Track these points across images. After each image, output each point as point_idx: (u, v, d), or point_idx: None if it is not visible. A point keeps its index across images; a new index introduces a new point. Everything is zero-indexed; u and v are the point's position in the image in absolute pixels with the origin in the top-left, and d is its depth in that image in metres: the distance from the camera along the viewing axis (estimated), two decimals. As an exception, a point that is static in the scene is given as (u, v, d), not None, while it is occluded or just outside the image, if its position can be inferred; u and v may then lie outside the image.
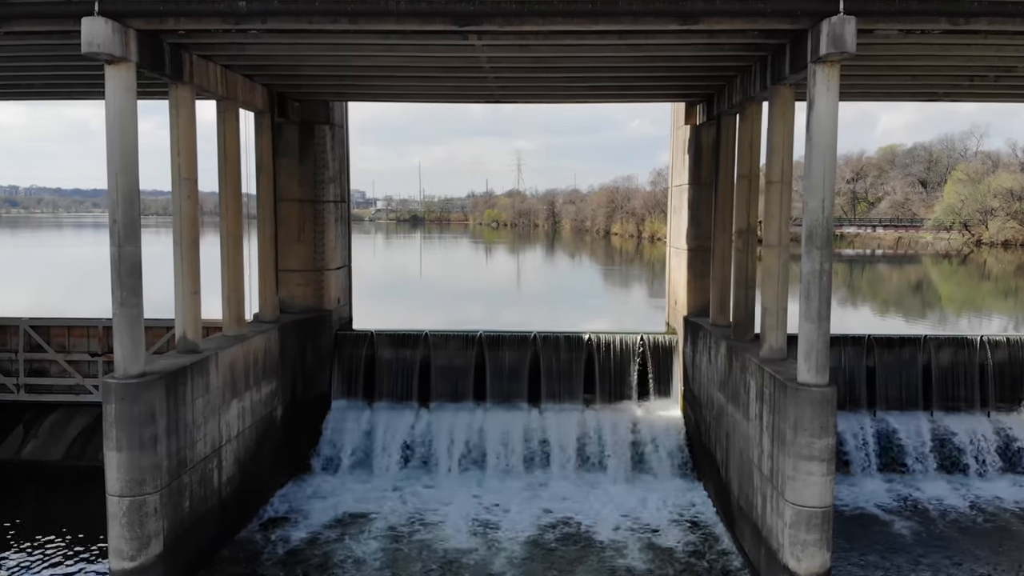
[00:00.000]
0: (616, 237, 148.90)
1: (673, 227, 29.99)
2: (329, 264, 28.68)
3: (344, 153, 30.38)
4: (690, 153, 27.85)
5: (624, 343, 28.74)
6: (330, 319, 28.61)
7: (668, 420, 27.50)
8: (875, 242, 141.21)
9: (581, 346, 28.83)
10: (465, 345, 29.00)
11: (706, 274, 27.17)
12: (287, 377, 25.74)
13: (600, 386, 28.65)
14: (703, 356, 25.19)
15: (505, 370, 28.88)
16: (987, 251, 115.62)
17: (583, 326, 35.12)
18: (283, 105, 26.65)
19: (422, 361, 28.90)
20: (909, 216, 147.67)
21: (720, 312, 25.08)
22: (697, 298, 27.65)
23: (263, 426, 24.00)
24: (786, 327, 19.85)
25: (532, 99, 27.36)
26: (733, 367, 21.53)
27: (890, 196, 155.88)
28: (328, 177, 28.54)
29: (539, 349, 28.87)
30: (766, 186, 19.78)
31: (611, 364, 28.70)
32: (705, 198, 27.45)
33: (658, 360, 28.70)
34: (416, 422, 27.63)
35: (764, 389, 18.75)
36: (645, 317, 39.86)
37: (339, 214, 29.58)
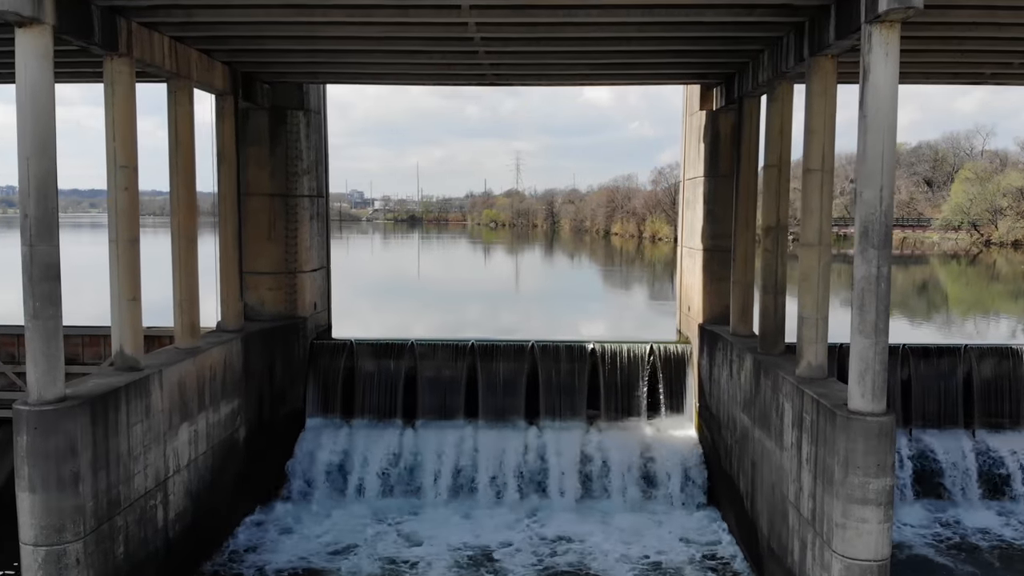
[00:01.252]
0: (616, 237, 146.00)
1: (686, 225, 27.05)
2: (303, 266, 25.72)
3: (321, 143, 27.44)
4: (706, 142, 24.93)
5: (632, 353, 25.81)
6: (304, 327, 25.66)
7: (682, 441, 24.56)
8: None
9: (584, 356, 25.91)
10: (455, 355, 26.07)
11: (725, 277, 24.23)
12: (252, 394, 22.79)
13: (606, 401, 25.72)
14: (722, 370, 22.26)
15: (500, 383, 25.95)
16: (997, 251, 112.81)
17: (586, 333, 32.41)
18: (250, 87, 23.70)
19: (407, 373, 25.96)
20: (915, 216, 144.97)
21: (742, 320, 22.15)
22: (714, 304, 24.71)
23: (223, 451, 21.05)
24: (827, 340, 16.94)
25: (529, 80, 24.41)
26: (761, 386, 18.60)
27: (895, 195, 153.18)
28: (302, 169, 25.59)
29: (537, 360, 25.94)
30: (804, 175, 16.85)
31: (618, 376, 25.78)
32: (723, 192, 24.53)
33: (670, 372, 25.77)
34: (400, 442, 24.70)
35: (804, 415, 15.82)
36: (652, 323, 36.74)
37: (315, 210, 26.63)
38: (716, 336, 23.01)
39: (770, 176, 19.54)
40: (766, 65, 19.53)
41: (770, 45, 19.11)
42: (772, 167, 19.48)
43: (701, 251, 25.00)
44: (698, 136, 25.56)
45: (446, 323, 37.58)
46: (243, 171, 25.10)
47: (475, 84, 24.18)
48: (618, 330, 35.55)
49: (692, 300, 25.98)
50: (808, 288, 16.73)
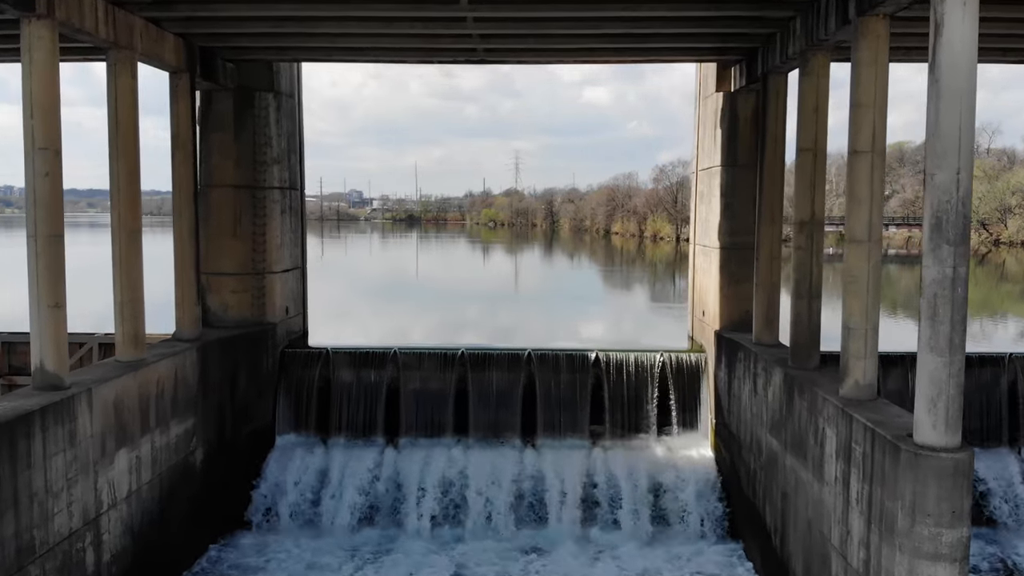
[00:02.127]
0: (617, 236, 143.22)
1: (699, 220, 24.37)
2: (273, 265, 23.04)
3: (295, 130, 24.76)
4: (723, 127, 22.26)
5: (640, 363, 23.14)
6: (273, 334, 22.97)
7: (697, 463, 21.89)
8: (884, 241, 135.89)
9: (586, 366, 23.25)
10: (443, 365, 23.40)
11: (745, 278, 21.58)
12: (211, 411, 20.13)
13: (611, 416, 23.06)
14: (744, 384, 19.60)
15: (493, 396, 23.29)
16: (1006, 251, 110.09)
17: (588, 341, 29.69)
18: (210, 65, 21.03)
19: (390, 385, 23.29)
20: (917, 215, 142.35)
21: (767, 328, 19.49)
22: (733, 309, 22.05)
23: (174, 477, 18.39)
24: (877, 355, 14.28)
25: (525, 56, 21.71)
26: (795, 405, 15.94)
27: (900, 194, 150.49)
28: (272, 157, 22.91)
29: (535, 370, 23.28)
30: (850, 159, 14.19)
31: (624, 389, 23.12)
32: (743, 183, 21.87)
33: (682, 385, 23.10)
34: (380, 463, 22.04)
35: (853, 445, 13.15)
36: (660, 329, 33.60)
37: (288, 204, 23.95)
38: (736, 345, 20.34)
39: (803, 162, 16.88)
40: (798, 34, 16.88)
41: (803, 11, 16.47)
42: (806, 151, 16.82)
43: (717, 250, 22.33)
44: (714, 121, 22.89)
45: (436, 328, 34.43)
46: (205, 160, 22.47)
47: (463, 61, 21.51)
48: (623, 336, 32.43)
49: (707, 304, 23.31)
50: (855, 292, 14.06)
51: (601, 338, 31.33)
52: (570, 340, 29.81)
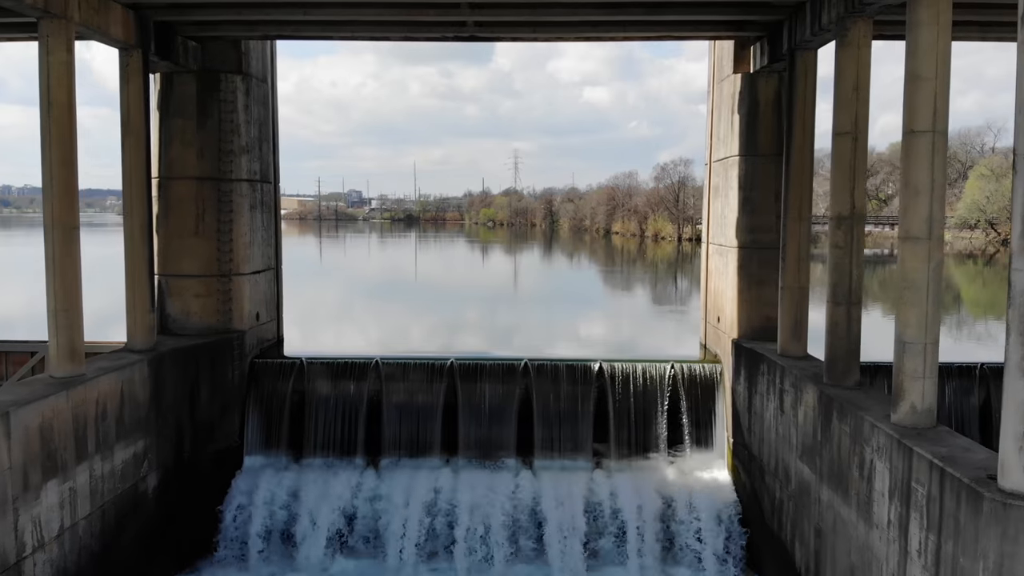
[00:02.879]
0: (617, 236, 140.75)
1: (714, 217, 22.10)
2: (241, 266, 20.77)
3: (268, 117, 22.50)
4: (741, 113, 20.01)
5: (648, 374, 20.87)
6: (241, 342, 20.69)
7: (712, 487, 19.61)
8: (888, 241, 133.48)
9: (589, 378, 20.99)
10: (431, 376, 21.14)
11: (767, 281, 19.35)
12: (166, 430, 17.86)
13: (616, 433, 20.79)
14: (767, 400, 17.34)
15: (485, 412, 21.04)
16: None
17: (590, 348, 27.34)
18: (168, 42, 18.75)
19: (371, 399, 21.03)
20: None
21: (794, 337, 17.23)
22: (752, 315, 19.79)
23: (121, 508, 16.12)
24: (936, 375, 12.03)
25: (521, 31, 19.38)
26: (834, 430, 13.68)
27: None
28: (239, 147, 20.64)
29: (532, 382, 21.02)
30: (905, 141, 11.93)
31: (631, 403, 20.85)
32: (764, 174, 19.63)
33: (695, 398, 20.84)
34: (360, 486, 19.77)
35: (914, 485, 10.89)
36: (668, 335, 30.69)
37: (259, 198, 21.68)
38: (758, 356, 18.08)
39: (841, 148, 14.60)
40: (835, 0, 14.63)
41: (840, -28, 14.23)
42: (844, 136, 14.55)
43: (735, 249, 20.07)
44: (731, 106, 20.63)
45: (426, 334, 31.98)
46: (166, 150, 20.25)
47: (452, 38, 19.21)
48: (628, 344, 30.29)
49: (723, 309, 21.05)
50: (912, 300, 11.80)
51: (604, 345, 28.68)
52: (570, 348, 27.39)
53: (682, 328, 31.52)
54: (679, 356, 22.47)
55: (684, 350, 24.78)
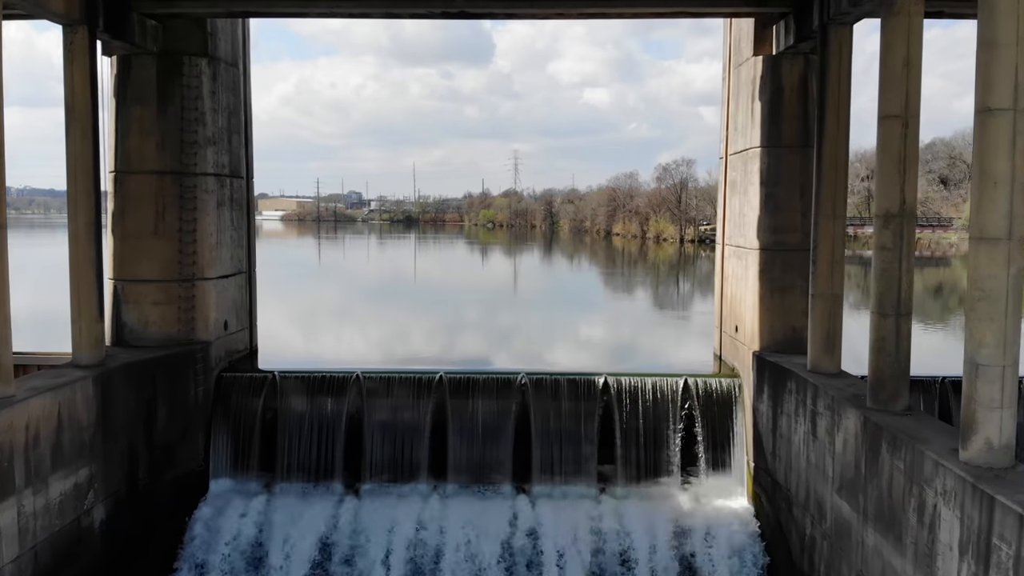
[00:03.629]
0: (618, 238, 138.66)
1: (731, 216, 20.06)
2: (206, 270, 18.73)
3: (240, 106, 20.48)
4: (763, 99, 17.97)
5: (659, 390, 18.82)
6: (206, 355, 18.63)
7: (731, 517, 17.55)
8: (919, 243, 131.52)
9: (593, 393, 18.94)
10: (418, 391, 19.08)
11: (792, 287, 17.34)
12: (116, 455, 15.81)
13: (624, 455, 18.73)
14: (797, 423, 15.30)
15: (478, 431, 18.98)
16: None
17: (593, 359, 25.16)
18: (121, 19, 16.73)
19: (351, 417, 18.97)
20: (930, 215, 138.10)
21: (826, 352, 15.19)
22: (776, 325, 17.75)
23: (57, 548, 14.06)
24: (1015, 402, 9.97)
25: (517, 7, 17.32)
26: (883, 465, 11.63)
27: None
28: (205, 137, 18.60)
29: (530, 398, 18.98)
30: (978, 119, 9.88)
31: (640, 421, 18.79)
32: (789, 167, 17.60)
33: (711, 416, 18.78)
34: (338, 516, 17.72)
35: (997, 543, 8.84)
36: (677, 345, 28.58)
37: (228, 194, 19.64)
38: (784, 373, 16.03)
39: (888, 134, 12.56)
40: (879, -38, 12.61)
41: (888, -71, 12.20)
42: (891, 120, 12.51)
43: (756, 251, 18.02)
44: (750, 93, 18.59)
45: (415, 342, 29.19)
46: (122, 141, 18.23)
47: (439, 14, 17.15)
48: (633, 354, 27.29)
49: (741, 318, 19.00)
50: (988, 314, 9.74)
51: (608, 355, 26.19)
52: (572, 359, 25.17)
53: (692, 336, 29.23)
54: (692, 369, 20.46)
55: (695, 361, 22.72)
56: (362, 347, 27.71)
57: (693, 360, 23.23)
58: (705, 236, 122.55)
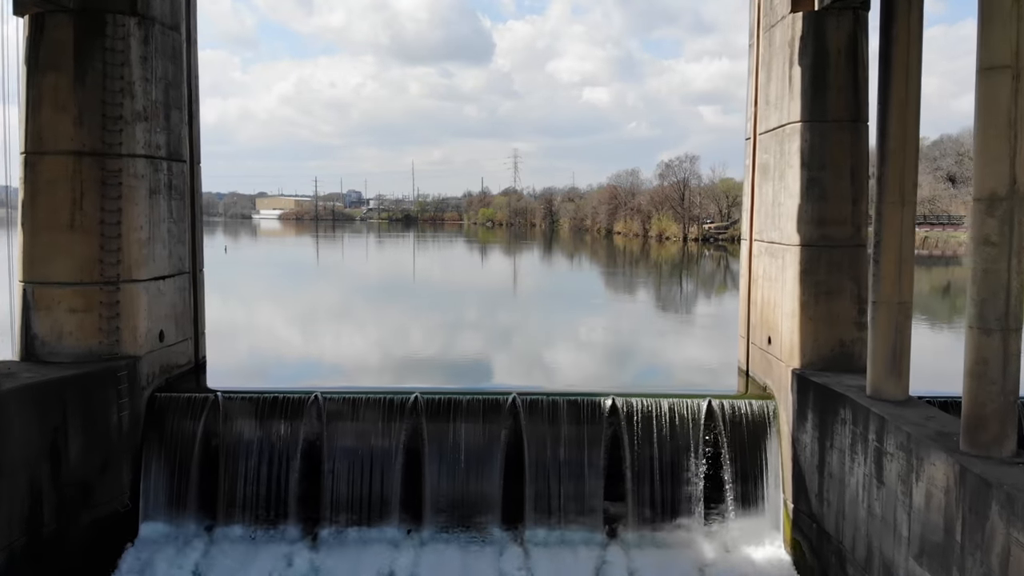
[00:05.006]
0: (619, 236, 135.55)
1: (761, 206, 17.00)
2: (135, 271, 15.67)
3: (183, 77, 17.39)
4: (803, 64, 14.91)
5: (678, 413, 15.77)
6: (134, 372, 15.55)
7: (765, 568, 14.49)
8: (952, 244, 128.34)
9: (600, 417, 15.91)
10: (388, 415, 16.04)
11: (840, 291, 14.32)
12: (13, 497, 12.74)
13: (635, 491, 15.70)
14: (854, 462, 12.24)
15: (460, 461, 15.94)
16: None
17: (597, 375, 21.78)
18: (22, -37, 13.67)
19: (308, 445, 15.93)
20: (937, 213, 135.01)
21: (891, 373, 12.13)
22: (821, 337, 14.70)
23: (-85, 625, 11.00)
24: None
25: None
26: (994, 534, 8.57)
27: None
28: (135, 112, 15.54)
29: (523, 422, 15.94)
30: None
31: (654, 450, 15.75)
32: (837, 146, 14.55)
33: (739, 445, 15.71)
34: (290, 568, 14.64)
35: None
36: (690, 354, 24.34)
37: (165, 181, 16.56)
38: (835, 397, 12.97)
39: (994, 90, 9.48)
40: None
41: None
42: (999, 71, 9.43)
43: (796, 248, 14.95)
44: (786, 59, 15.52)
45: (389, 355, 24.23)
46: (32, 115, 15.20)
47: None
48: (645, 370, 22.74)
49: (776, 328, 15.92)
50: None
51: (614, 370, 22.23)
52: (572, 374, 21.72)
53: (709, 346, 25.58)
54: (711, 386, 17.48)
55: (715, 376, 19.66)
56: (332, 358, 24.09)
57: (712, 375, 20.12)
58: (709, 234, 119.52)
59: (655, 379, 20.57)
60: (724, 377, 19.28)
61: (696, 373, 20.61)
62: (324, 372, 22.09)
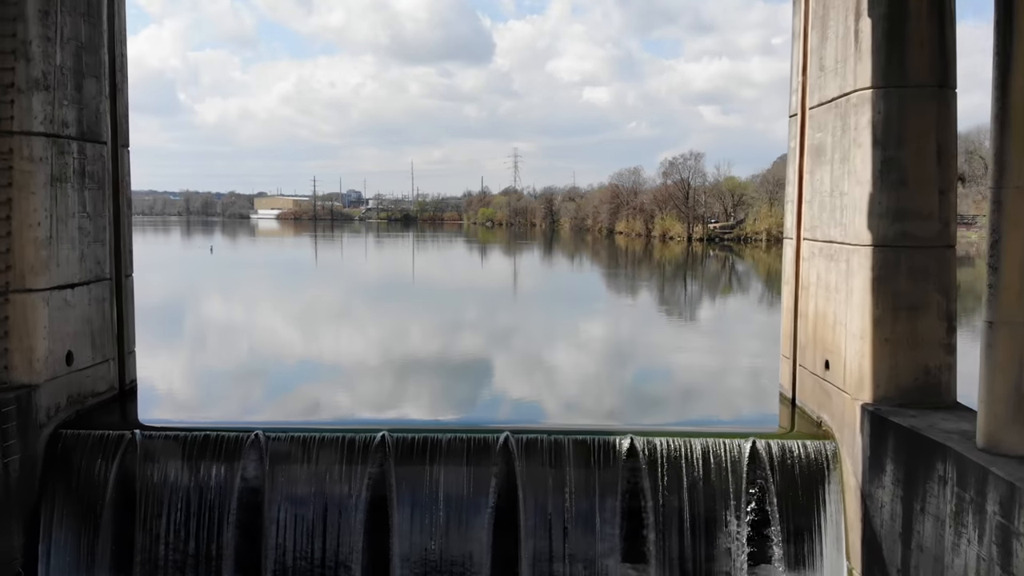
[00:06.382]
0: (621, 236, 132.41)
1: (814, 196, 13.80)
2: (29, 278, 12.48)
3: (104, 39, 14.22)
4: (874, 15, 11.73)
5: (714, 455, 12.60)
6: (28, 405, 12.35)
7: (830, 663, 11.30)
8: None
9: (615, 460, 12.77)
10: (348, 456, 12.87)
11: (926, 306, 11.13)
12: None
13: (660, 551, 12.55)
14: (960, 537, 9.05)
15: (437, 513, 12.79)
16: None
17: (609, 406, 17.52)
18: None
19: (247, 493, 12.76)
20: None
21: (1016, 420, 8.95)
22: (901, 363, 11.49)
23: None
24: None
25: None
26: None
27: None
28: (31, 79, 12.37)
29: (517, 466, 12.81)
30: None
31: (684, 500, 12.59)
32: (920, 119, 11.40)
33: (789, 494, 12.52)
34: (221, 655, 11.47)
35: None
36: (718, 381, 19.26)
37: (74, 165, 13.38)
38: (929, 446, 9.78)
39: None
40: None
41: None
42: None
43: (867, 249, 11.75)
44: (849, 10, 12.34)
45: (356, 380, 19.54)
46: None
47: None
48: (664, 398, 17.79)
49: (837, 349, 12.72)
50: None
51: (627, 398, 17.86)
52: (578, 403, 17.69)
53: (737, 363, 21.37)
54: (750, 417, 14.29)
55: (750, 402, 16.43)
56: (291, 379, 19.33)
57: (747, 402, 16.75)
58: (714, 234, 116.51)
59: (678, 407, 16.78)
60: (762, 404, 16.05)
61: (726, 400, 17.04)
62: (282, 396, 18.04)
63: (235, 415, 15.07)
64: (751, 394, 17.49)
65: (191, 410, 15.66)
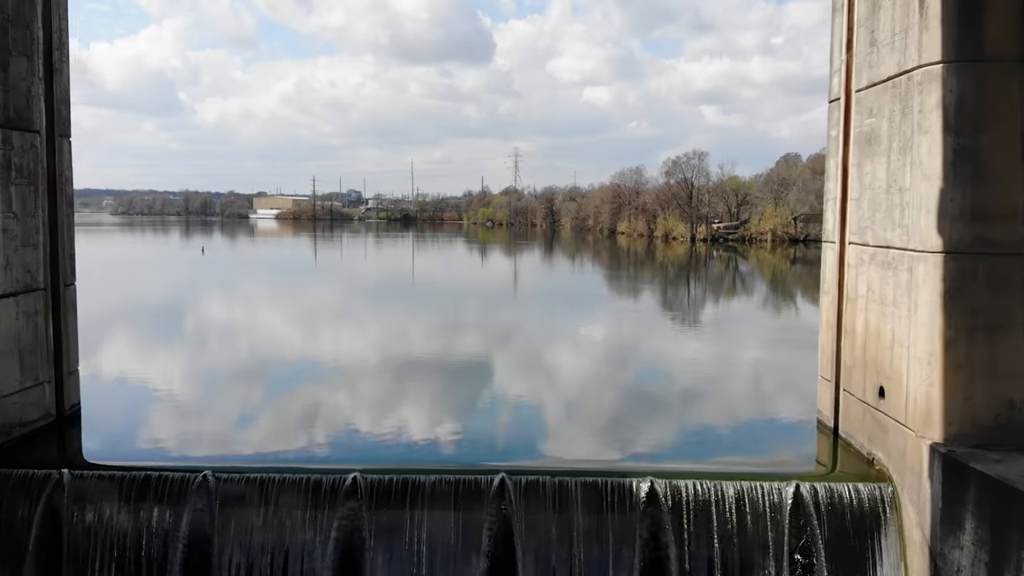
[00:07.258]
0: (623, 237, 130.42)
1: (864, 193, 11.83)
2: (-67, 287, 10.51)
3: (36, 11, 12.28)
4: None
5: (750, 501, 10.63)
6: (-71, 441, 10.40)
7: None
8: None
9: (631, 505, 10.82)
10: (315, 501, 10.90)
11: (1011, 325, 9.19)
12: None
13: (677, 613, 10.53)
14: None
15: (420, 567, 10.82)
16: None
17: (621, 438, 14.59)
18: None
19: (194, 543, 10.79)
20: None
21: None
22: (978, 394, 9.53)
23: None
24: None
25: None
26: None
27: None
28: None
29: (514, 513, 10.85)
30: None
31: (716, 554, 10.63)
32: (1002, 99, 9.44)
33: (839, 545, 10.55)
34: None
35: None
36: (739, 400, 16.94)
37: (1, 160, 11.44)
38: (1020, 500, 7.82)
39: None
40: None
41: None
42: None
43: (936, 257, 9.78)
44: (910, -29, 10.35)
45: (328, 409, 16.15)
46: None
47: None
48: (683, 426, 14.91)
49: (896, 375, 10.74)
50: None
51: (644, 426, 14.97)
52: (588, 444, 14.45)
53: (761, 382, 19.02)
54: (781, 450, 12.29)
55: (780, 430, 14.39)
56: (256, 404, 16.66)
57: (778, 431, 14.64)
58: (718, 234, 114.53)
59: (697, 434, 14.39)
60: (796, 434, 14.01)
61: (753, 427, 14.65)
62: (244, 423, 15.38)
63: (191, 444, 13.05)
64: (782, 420, 15.32)
65: (144, 438, 13.65)
